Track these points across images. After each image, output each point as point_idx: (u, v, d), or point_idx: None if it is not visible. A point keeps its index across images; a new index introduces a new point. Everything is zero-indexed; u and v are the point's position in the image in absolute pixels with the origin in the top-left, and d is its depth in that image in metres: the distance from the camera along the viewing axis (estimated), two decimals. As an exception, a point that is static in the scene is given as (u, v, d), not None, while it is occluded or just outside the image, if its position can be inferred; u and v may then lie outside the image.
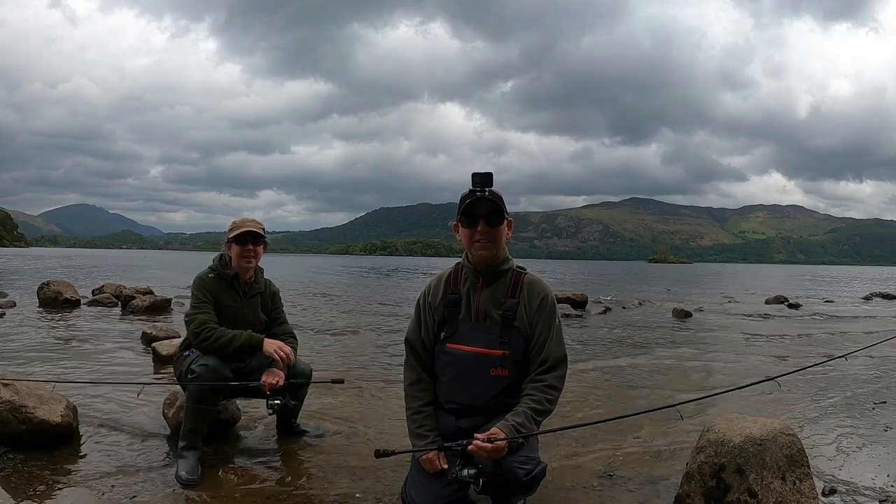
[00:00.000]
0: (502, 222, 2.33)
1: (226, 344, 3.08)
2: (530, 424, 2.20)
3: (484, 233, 2.30)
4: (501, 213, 2.30)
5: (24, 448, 3.03)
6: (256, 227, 3.29)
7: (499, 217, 2.31)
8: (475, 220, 2.30)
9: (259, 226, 3.32)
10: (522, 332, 2.34)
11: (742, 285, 30.59)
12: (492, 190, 2.28)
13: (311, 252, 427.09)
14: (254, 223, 3.31)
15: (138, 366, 5.68)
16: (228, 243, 3.30)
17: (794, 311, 14.59)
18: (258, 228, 3.29)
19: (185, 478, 2.81)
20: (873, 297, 20.44)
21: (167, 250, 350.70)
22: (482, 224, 2.29)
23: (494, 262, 2.38)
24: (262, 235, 3.31)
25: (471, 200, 2.27)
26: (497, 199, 2.28)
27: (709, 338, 9.00)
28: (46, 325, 8.36)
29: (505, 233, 2.36)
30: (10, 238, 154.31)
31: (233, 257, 3.29)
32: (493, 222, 2.30)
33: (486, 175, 2.26)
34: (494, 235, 2.32)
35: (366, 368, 5.89)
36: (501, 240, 2.35)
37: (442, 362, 2.43)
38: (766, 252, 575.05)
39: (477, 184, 2.26)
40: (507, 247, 2.44)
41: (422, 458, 2.29)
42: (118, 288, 12.60)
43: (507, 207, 2.32)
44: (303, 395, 3.50)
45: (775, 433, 2.51)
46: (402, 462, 2.54)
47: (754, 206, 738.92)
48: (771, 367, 6.36)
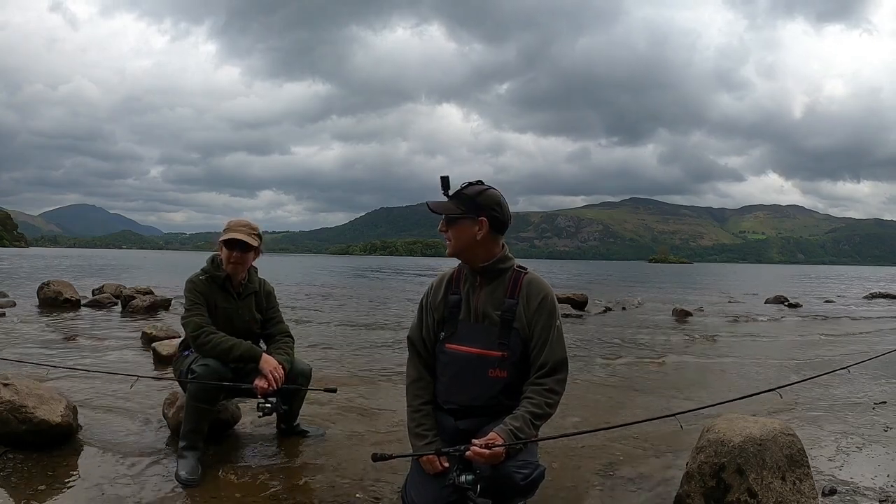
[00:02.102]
0: (454, 221, 2.34)
1: (225, 351, 3.07)
2: (529, 429, 2.19)
3: (444, 231, 2.38)
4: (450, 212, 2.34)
5: (24, 448, 3.03)
6: (247, 235, 3.21)
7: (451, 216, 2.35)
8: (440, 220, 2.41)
9: (253, 231, 3.24)
10: (521, 334, 2.32)
11: (742, 285, 30.59)
12: (451, 192, 2.36)
13: (311, 252, 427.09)
14: (246, 228, 3.24)
15: (138, 366, 5.68)
16: (220, 244, 3.28)
17: (794, 311, 14.59)
18: (250, 235, 3.22)
19: (185, 478, 2.81)
20: (874, 297, 20.44)
21: (167, 250, 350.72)
22: (441, 223, 2.38)
23: (487, 261, 2.37)
24: (251, 246, 3.23)
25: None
26: (442, 203, 2.35)
27: (709, 339, 9.00)
28: (46, 325, 8.36)
29: (472, 232, 2.33)
30: (10, 238, 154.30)
31: (223, 259, 3.27)
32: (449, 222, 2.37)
33: (442, 179, 2.35)
34: (452, 233, 2.36)
35: (366, 369, 5.88)
36: (464, 238, 2.34)
37: (441, 362, 2.43)
38: (766, 252, 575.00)
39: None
40: (507, 246, 2.44)
41: (421, 459, 2.29)
42: (118, 288, 12.60)
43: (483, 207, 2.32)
44: (302, 397, 3.50)
45: (775, 433, 2.51)
46: (402, 462, 2.55)
47: (754, 206, 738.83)
48: (772, 370, 6.37)
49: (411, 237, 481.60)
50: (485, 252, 2.37)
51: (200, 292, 3.22)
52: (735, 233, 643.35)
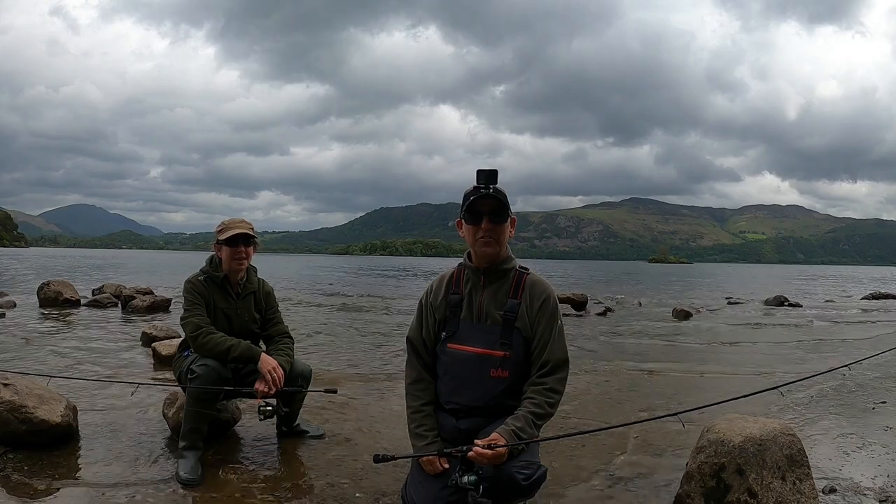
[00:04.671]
0: (506, 220, 2.32)
1: (224, 352, 3.07)
2: (531, 429, 2.19)
3: (487, 230, 2.29)
4: (505, 210, 2.30)
5: (24, 448, 3.03)
6: (247, 228, 3.25)
7: (502, 214, 2.30)
8: (479, 217, 2.29)
9: (249, 226, 3.28)
10: (524, 333, 2.33)
11: (742, 285, 30.58)
12: (496, 187, 2.27)
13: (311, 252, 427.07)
14: (243, 223, 3.27)
15: (138, 366, 5.68)
16: (218, 245, 3.28)
17: (795, 311, 14.59)
18: (248, 229, 3.26)
19: (185, 478, 2.81)
20: (874, 297, 20.43)
21: (167, 250, 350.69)
22: (486, 221, 2.29)
23: (497, 261, 2.37)
24: (252, 237, 3.28)
25: (475, 197, 2.26)
26: (501, 196, 2.27)
27: (709, 339, 8.99)
28: (46, 326, 8.36)
29: (508, 231, 2.36)
30: (10, 238, 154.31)
31: (223, 259, 3.27)
32: (497, 219, 2.30)
33: (492, 172, 2.26)
34: (498, 233, 2.31)
35: (366, 369, 5.88)
36: (504, 238, 2.35)
37: (443, 362, 2.42)
38: (766, 252, 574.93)
39: (482, 181, 2.26)
40: (508, 247, 2.44)
41: (422, 459, 2.29)
42: (118, 288, 12.59)
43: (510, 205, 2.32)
44: (301, 398, 3.49)
45: (775, 433, 2.51)
46: (402, 462, 2.55)
47: (754, 206, 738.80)
48: (772, 370, 6.36)
49: (411, 237, 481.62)
50: (504, 251, 2.39)
51: (199, 293, 3.22)
52: (735, 233, 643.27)
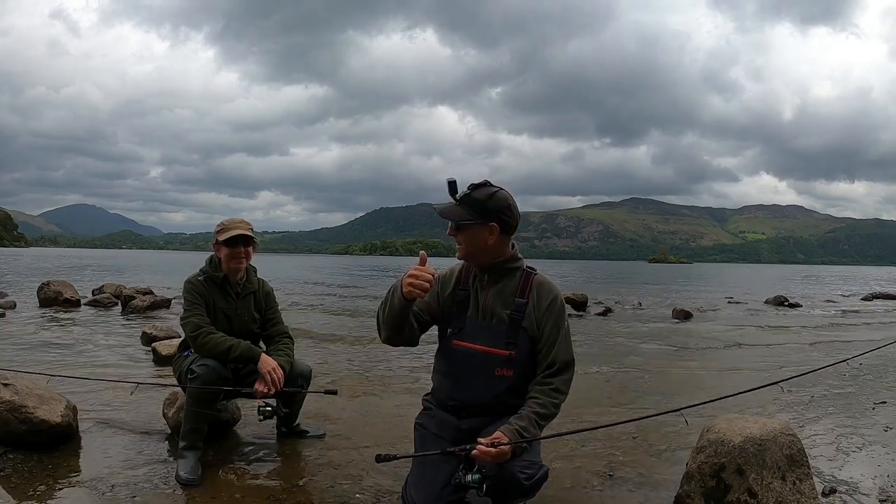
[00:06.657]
0: (473, 226, 2.30)
1: (224, 352, 3.06)
2: (534, 429, 2.19)
3: (452, 235, 2.37)
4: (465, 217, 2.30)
5: (24, 448, 3.03)
6: (246, 229, 3.24)
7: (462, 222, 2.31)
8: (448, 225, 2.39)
9: (248, 226, 3.27)
10: (530, 333, 2.33)
11: (742, 285, 30.59)
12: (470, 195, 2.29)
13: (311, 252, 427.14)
14: (243, 224, 3.27)
15: (138, 366, 5.68)
16: (217, 245, 3.27)
17: (795, 310, 14.59)
18: (248, 230, 3.25)
19: (185, 478, 2.81)
20: (874, 297, 20.43)
21: (167, 250, 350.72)
22: (450, 227, 2.37)
23: (495, 260, 2.37)
24: (252, 237, 3.27)
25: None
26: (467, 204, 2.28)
27: (709, 339, 9.00)
28: (46, 326, 8.36)
29: (483, 236, 2.31)
30: (10, 238, 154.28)
31: (223, 259, 3.26)
32: (459, 226, 2.34)
33: (450, 182, 2.31)
34: (463, 238, 2.33)
35: (366, 369, 5.87)
36: (476, 242, 2.32)
37: (447, 359, 2.43)
38: (766, 252, 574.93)
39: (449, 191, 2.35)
40: (517, 246, 2.44)
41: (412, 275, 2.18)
42: (118, 288, 12.60)
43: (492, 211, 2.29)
44: (301, 398, 3.49)
45: (775, 433, 2.51)
46: (402, 462, 2.55)
47: (754, 206, 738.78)
48: (773, 368, 6.36)
49: (411, 237, 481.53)
50: (495, 254, 2.38)
51: (199, 293, 3.22)
52: (735, 233, 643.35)
